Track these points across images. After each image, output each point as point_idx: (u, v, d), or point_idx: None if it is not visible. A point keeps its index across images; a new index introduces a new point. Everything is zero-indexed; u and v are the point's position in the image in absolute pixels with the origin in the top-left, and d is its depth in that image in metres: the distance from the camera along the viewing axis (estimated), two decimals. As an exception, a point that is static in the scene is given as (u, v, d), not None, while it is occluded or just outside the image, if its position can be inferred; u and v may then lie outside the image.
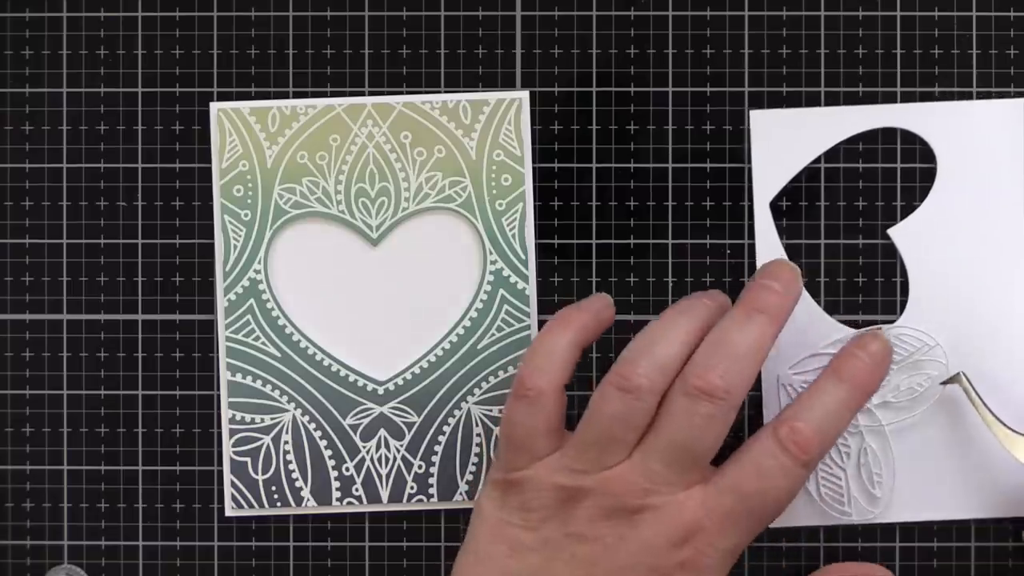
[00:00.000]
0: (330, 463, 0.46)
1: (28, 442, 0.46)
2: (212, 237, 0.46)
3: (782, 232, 0.46)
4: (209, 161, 0.46)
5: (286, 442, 0.46)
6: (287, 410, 0.46)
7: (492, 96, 0.45)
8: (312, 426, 0.46)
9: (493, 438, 0.46)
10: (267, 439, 0.46)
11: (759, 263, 0.45)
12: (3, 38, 0.46)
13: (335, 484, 0.46)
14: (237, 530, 0.46)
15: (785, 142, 0.45)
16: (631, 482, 0.39)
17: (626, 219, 0.46)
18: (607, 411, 0.39)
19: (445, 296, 0.46)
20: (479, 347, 0.46)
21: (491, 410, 0.46)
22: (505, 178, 0.45)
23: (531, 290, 0.46)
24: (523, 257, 0.46)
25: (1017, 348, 0.45)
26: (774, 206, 0.46)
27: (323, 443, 0.46)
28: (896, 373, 0.44)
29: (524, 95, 0.45)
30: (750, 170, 0.46)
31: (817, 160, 0.46)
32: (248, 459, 0.46)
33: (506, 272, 0.45)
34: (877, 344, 0.42)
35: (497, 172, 0.45)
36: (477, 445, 0.46)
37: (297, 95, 0.46)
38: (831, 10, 0.46)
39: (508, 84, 0.46)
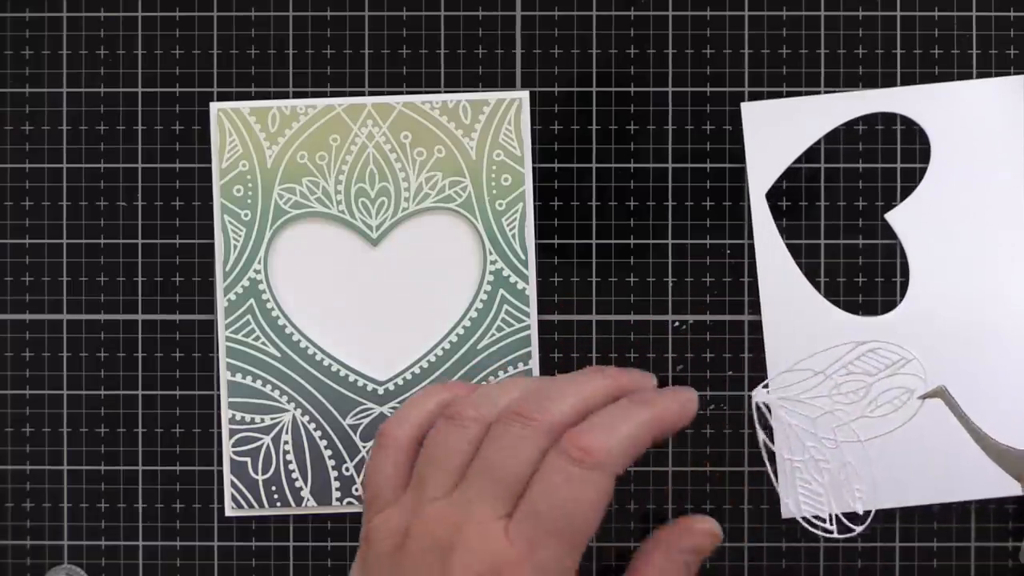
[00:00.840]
0: (330, 463, 0.46)
1: (28, 442, 0.46)
2: (212, 237, 0.46)
3: (782, 232, 0.46)
4: (209, 161, 0.46)
5: (286, 442, 0.46)
6: (287, 410, 0.46)
7: (492, 96, 0.45)
8: (312, 426, 0.46)
9: None
10: (267, 439, 0.46)
11: (759, 256, 0.45)
12: (3, 38, 0.46)
13: (335, 484, 0.46)
14: (237, 530, 0.46)
15: (777, 132, 0.45)
16: (445, 517, 0.37)
17: (626, 219, 0.46)
18: (435, 440, 0.39)
19: (445, 296, 0.46)
20: (479, 347, 0.46)
21: None
22: (505, 178, 0.45)
23: (531, 290, 0.46)
24: (523, 257, 0.46)
25: (1017, 329, 0.45)
26: (774, 206, 0.46)
27: (323, 443, 0.46)
28: (874, 386, 0.44)
29: (524, 95, 0.45)
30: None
31: (816, 159, 0.46)
32: (248, 459, 0.46)
33: (506, 272, 0.45)
34: (687, 392, 0.41)
35: (497, 172, 0.45)
36: None
37: (297, 95, 0.46)
38: (831, 10, 0.46)
39: (508, 84, 0.46)
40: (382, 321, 0.46)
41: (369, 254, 0.46)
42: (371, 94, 0.46)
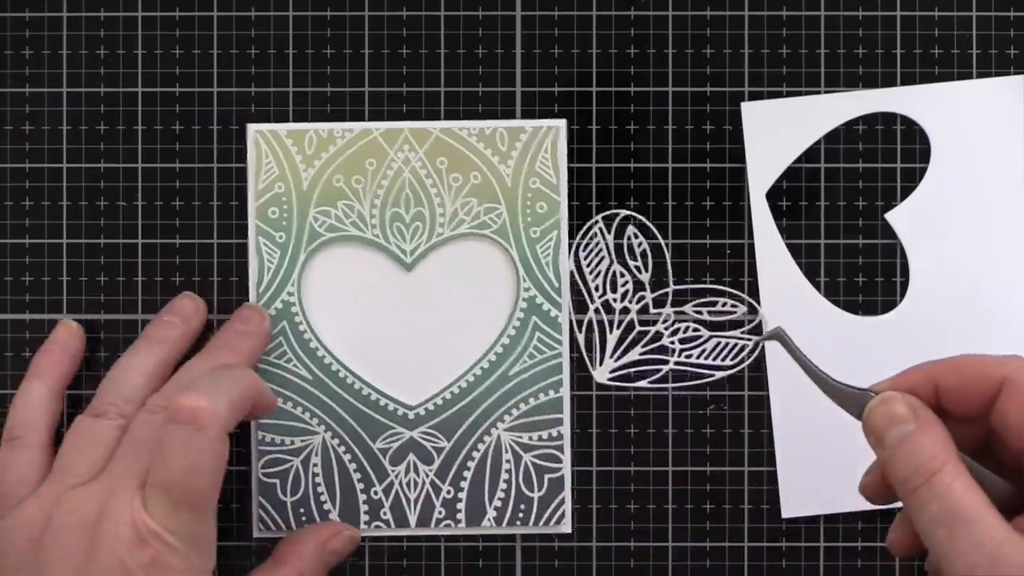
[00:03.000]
0: (359, 486, 0.45)
1: (28, 442, 0.46)
2: (212, 237, 0.46)
3: (782, 232, 0.46)
4: (210, 161, 0.46)
5: (315, 464, 0.45)
6: (317, 433, 0.45)
7: (529, 124, 0.45)
8: (342, 449, 0.45)
9: (522, 464, 0.46)
10: (296, 461, 0.46)
11: (759, 257, 0.45)
12: (3, 38, 0.46)
13: (363, 508, 0.45)
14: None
15: (778, 132, 0.45)
16: (90, 496, 0.39)
17: (626, 219, 0.46)
18: (78, 432, 0.41)
19: (478, 322, 0.46)
20: (510, 374, 0.45)
21: (521, 437, 0.45)
22: (540, 206, 0.45)
23: (563, 318, 0.45)
24: (556, 285, 0.45)
25: (1017, 323, 0.45)
26: (774, 206, 0.46)
27: (352, 466, 0.45)
28: (712, 338, 0.44)
29: (561, 124, 0.45)
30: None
31: (816, 159, 0.46)
32: (277, 481, 0.45)
33: (539, 299, 0.45)
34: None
35: (532, 200, 0.45)
36: (507, 472, 0.45)
37: (297, 94, 0.46)
38: (831, 10, 0.46)
39: (508, 83, 0.46)
40: (414, 346, 0.46)
41: (403, 278, 0.46)
42: (371, 92, 0.46)
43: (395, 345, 0.46)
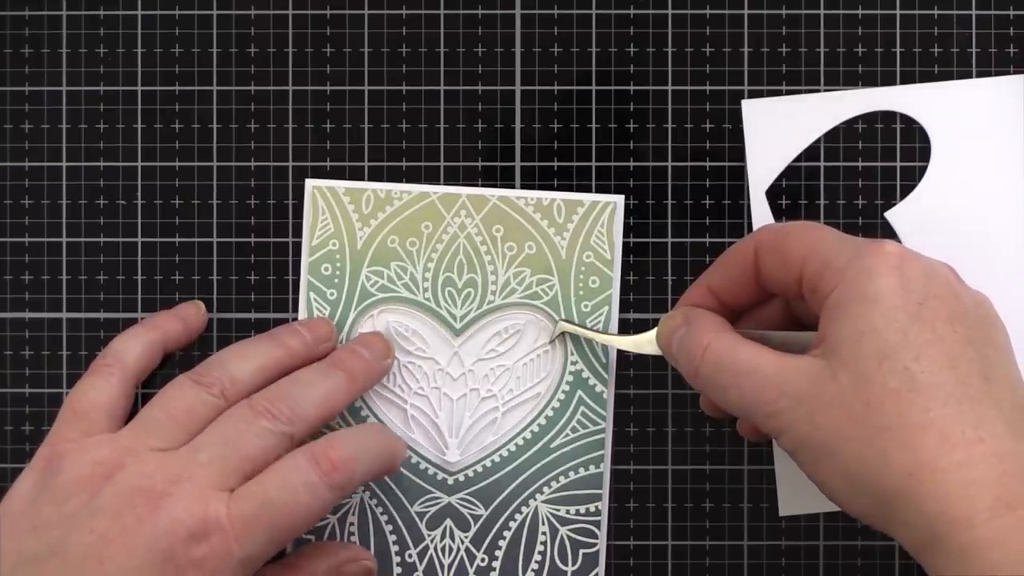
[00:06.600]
0: (393, 548, 0.45)
1: (28, 440, 0.46)
2: (211, 235, 0.46)
3: (782, 230, 0.46)
4: (210, 159, 0.46)
5: (351, 523, 0.45)
6: (356, 492, 0.45)
7: (587, 198, 0.45)
8: (379, 510, 0.45)
9: (558, 537, 0.45)
10: (333, 519, 0.45)
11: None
12: (3, 36, 0.46)
13: (396, 570, 0.45)
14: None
15: (778, 130, 0.45)
16: (167, 468, 0.38)
17: (625, 217, 0.46)
18: (173, 393, 0.41)
19: (522, 392, 0.45)
20: (552, 446, 0.45)
21: (559, 509, 0.45)
22: (593, 280, 0.45)
23: (609, 394, 0.45)
24: (604, 360, 0.45)
25: (1017, 322, 0.45)
26: (774, 204, 0.46)
27: (388, 527, 0.45)
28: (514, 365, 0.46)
29: (619, 199, 0.45)
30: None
31: (816, 158, 0.46)
32: (312, 536, 0.45)
33: (586, 374, 0.45)
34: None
35: (586, 273, 0.45)
36: (542, 543, 0.45)
37: (297, 93, 0.46)
38: (830, 8, 0.46)
39: (507, 81, 0.46)
40: (458, 411, 0.46)
41: (451, 343, 0.46)
42: (371, 91, 0.46)
43: (439, 409, 0.45)
